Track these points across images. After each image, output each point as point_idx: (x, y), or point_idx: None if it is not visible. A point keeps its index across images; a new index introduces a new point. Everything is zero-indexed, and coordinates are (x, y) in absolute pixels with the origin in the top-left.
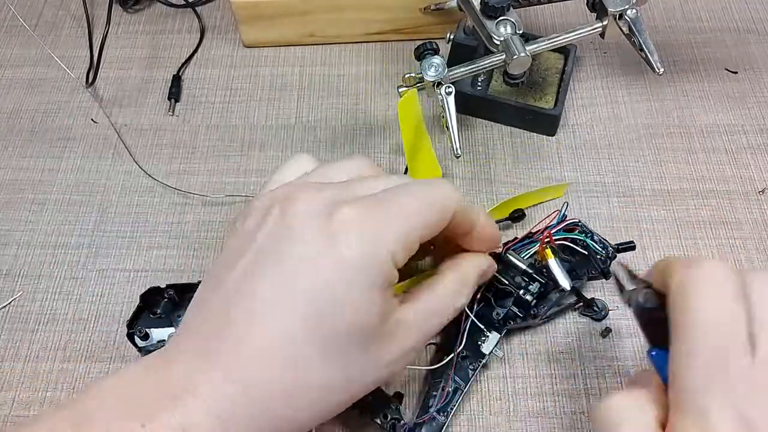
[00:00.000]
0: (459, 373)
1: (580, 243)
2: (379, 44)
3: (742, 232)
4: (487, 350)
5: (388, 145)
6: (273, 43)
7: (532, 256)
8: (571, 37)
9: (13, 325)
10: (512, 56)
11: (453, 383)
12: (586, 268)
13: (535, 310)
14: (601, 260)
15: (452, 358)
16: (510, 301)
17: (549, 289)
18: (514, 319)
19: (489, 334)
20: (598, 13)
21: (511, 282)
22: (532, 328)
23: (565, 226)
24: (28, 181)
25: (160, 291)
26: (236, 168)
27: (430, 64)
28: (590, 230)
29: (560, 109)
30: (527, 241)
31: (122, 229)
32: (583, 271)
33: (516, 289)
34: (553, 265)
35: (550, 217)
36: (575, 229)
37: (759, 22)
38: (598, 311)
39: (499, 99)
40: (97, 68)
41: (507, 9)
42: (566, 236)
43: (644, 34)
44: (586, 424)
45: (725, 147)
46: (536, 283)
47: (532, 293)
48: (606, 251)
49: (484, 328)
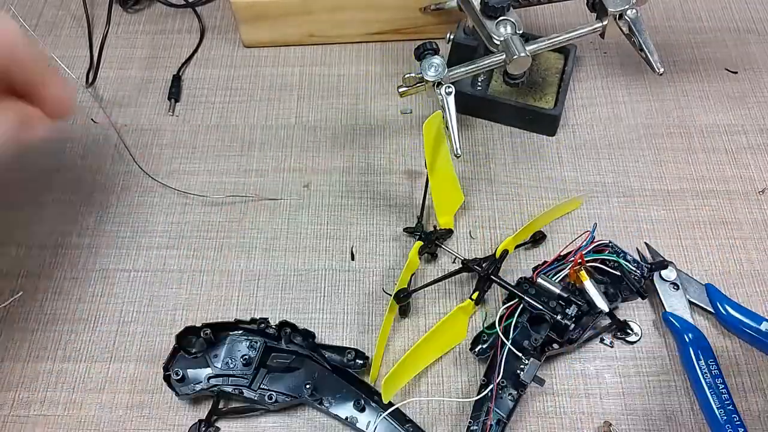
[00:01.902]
0: (499, 404)
1: (611, 264)
2: (379, 44)
3: (742, 232)
4: (527, 379)
5: (388, 145)
6: (273, 43)
7: (562, 279)
8: (571, 37)
9: (13, 325)
10: (512, 56)
11: (495, 415)
12: (619, 289)
13: (573, 335)
14: (636, 280)
15: (491, 389)
16: (546, 326)
17: (583, 312)
18: (551, 345)
19: (527, 362)
20: (598, 13)
21: (546, 306)
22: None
23: (594, 247)
24: (28, 181)
25: (196, 330)
26: (236, 168)
27: (430, 64)
28: (622, 250)
29: (560, 109)
30: (557, 265)
31: (122, 229)
32: (616, 292)
33: (552, 314)
34: (589, 287)
35: (582, 237)
36: (605, 250)
37: (759, 22)
38: (633, 334)
39: (499, 99)
40: (97, 68)
41: (507, 9)
42: (597, 257)
43: (644, 34)
44: (586, 424)
45: (725, 147)
46: (573, 306)
47: (570, 317)
48: (640, 271)
49: (521, 356)
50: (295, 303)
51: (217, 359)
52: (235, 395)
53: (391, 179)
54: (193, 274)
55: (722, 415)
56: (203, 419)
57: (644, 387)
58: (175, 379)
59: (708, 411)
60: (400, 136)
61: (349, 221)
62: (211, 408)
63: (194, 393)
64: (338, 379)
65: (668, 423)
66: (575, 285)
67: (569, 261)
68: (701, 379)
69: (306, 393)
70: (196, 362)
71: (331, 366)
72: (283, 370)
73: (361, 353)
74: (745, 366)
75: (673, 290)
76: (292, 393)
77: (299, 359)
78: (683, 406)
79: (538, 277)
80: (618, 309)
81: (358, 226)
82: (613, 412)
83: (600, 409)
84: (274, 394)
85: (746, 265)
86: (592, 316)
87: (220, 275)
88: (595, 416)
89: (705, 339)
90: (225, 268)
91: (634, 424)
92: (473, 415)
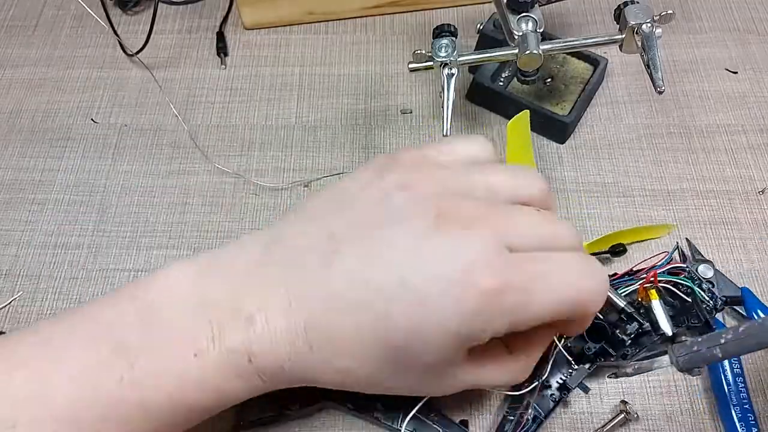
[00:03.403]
0: (540, 401)
1: (684, 289)
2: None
3: (742, 232)
4: (573, 384)
5: (388, 145)
6: (273, 23)
7: (629, 294)
8: (587, 43)
9: (13, 325)
10: (524, 51)
11: (533, 411)
12: (686, 315)
13: (629, 351)
14: (707, 310)
15: (535, 386)
16: (603, 337)
17: (644, 331)
18: (605, 356)
19: (576, 368)
20: (620, 24)
21: (605, 318)
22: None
23: (670, 269)
24: (28, 181)
25: None
26: (236, 168)
27: (441, 45)
28: (699, 277)
29: (573, 117)
30: (627, 279)
31: (122, 229)
32: (682, 318)
33: (611, 327)
34: (657, 307)
35: (657, 257)
36: (681, 274)
37: (759, 22)
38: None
39: (513, 96)
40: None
41: (531, 6)
42: (671, 279)
43: (654, 50)
44: (587, 424)
45: (725, 147)
46: (635, 323)
47: (629, 334)
48: (714, 301)
49: (572, 361)
50: None
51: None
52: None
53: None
54: None
55: (738, 413)
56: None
57: (644, 387)
58: None
59: (724, 408)
60: (400, 136)
61: None
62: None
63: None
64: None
65: (668, 423)
66: (642, 303)
67: (640, 277)
68: (722, 376)
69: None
70: None
71: None
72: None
73: None
74: (767, 372)
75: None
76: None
77: None
78: (683, 406)
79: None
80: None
81: None
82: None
83: (600, 409)
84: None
85: (746, 265)
86: (652, 336)
87: None
88: (595, 416)
89: None
90: None
91: (634, 423)
92: (511, 405)
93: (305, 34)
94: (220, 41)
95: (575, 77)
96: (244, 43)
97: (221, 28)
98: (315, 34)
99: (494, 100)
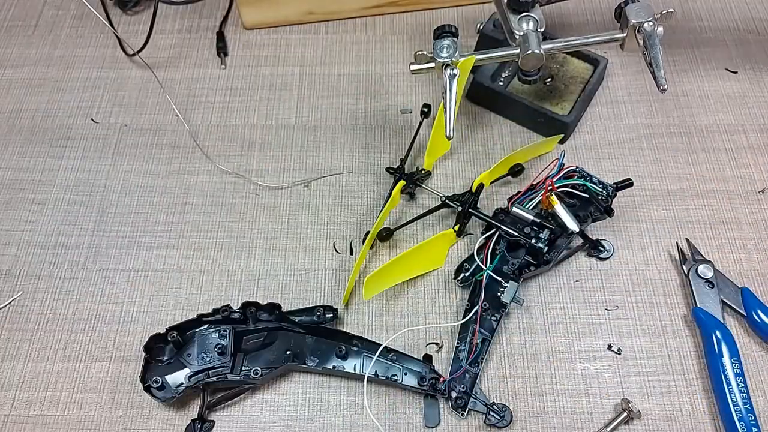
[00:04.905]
0: (484, 325)
1: (580, 188)
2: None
3: (742, 232)
4: (507, 299)
5: (388, 145)
6: (273, 23)
7: (535, 207)
8: (588, 42)
9: (13, 325)
10: (525, 51)
11: (480, 335)
12: (588, 210)
13: (548, 257)
14: (602, 200)
15: (476, 311)
16: (522, 251)
17: (557, 235)
18: (528, 268)
19: (507, 285)
20: (621, 23)
21: (521, 233)
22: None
23: (564, 174)
24: (28, 181)
25: (162, 336)
26: (236, 168)
27: (442, 46)
28: (589, 174)
29: (573, 117)
30: (530, 193)
31: (122, 228)
32: (586, 213)
33: (527, 239)
34: (560, 211)
35: (549, 167)
36: (573, 175)
37: (759, 22)
38: (605, 251)
39: (513, 96)
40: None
41: (532, 5)
42: (566, 183)
43: (656, 49)
44: (586, 424)
45: (725, 147)
46: (546, 231)
47: (544, 240)
48: (606, 191)
49: (501, 280)
50: (295, 303)
51: (191, 357)
52: (221, 383)
53: (391, 179)
54: (193, 274)
55: (738, 412)
56: (196, 418)
57: (644, 387)
58: (154, 387)
59: (724, 407)
60: (400, 136)
61: (349, 221)
62: (200, 404)
63: (179, 394)
64: (314, 338)
65: (668, 423)
66: (548, 211)
67: (540, 189)
68: (722, 376)
69: (288, 359)
70: (172, 367)
71: (304, 328)
72: (260, 348)
73: (329, 307)
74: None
75: (707, 288)
76: (274, 365)
77: (272, 333)
78: (683, 406)
79: (513, 206)
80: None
81: (358, 225)
82: (613, 412)
83: (600, 409)
84: (259, 369)
85: (746, 265)
86: (565, 237)
87: (220, 275)
88: (596, 416)
89: (732, 338)
90: (225, 268)
91: (634, 423)
92: (460, 336)
93: (305, 34)
94: (220, 41)
95: (575, 77)
96: (244, 43)
97: (221, 28)
98: (315, 33)
99: (494, 99)
